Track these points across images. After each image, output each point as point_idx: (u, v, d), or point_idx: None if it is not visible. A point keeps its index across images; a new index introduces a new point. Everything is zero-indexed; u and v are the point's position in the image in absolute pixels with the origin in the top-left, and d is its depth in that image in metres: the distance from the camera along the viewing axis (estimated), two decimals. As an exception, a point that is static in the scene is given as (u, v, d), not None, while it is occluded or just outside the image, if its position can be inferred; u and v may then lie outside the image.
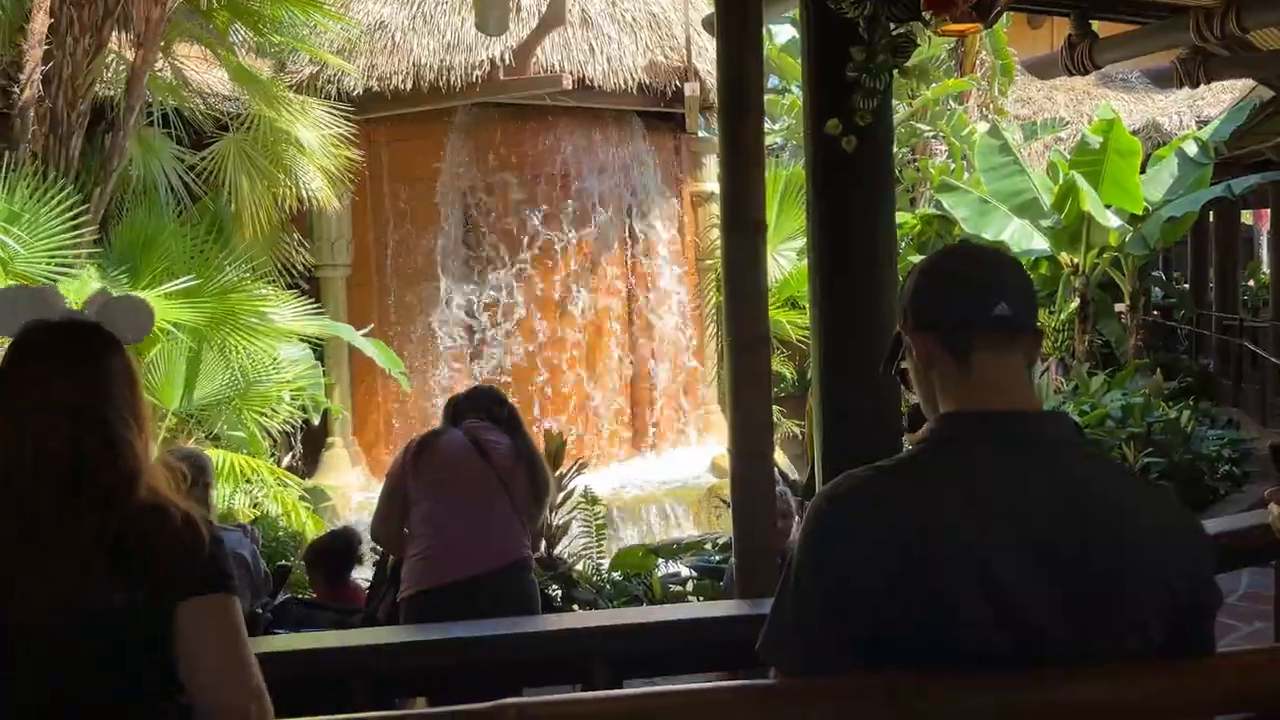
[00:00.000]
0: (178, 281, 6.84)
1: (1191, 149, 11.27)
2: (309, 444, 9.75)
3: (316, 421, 9.15)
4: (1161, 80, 15.88)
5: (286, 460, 9.23)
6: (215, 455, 6.38)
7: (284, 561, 4.65)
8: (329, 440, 9.79)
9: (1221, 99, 12.69)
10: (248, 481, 7.05)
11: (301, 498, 7.67)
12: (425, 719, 1.16)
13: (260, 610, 3.86)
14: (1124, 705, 1.25)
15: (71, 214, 6.54)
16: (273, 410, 7.66)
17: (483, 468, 3.82)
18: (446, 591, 3.65)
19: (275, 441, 8.40)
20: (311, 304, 8.45)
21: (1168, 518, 1.28)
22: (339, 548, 4.77)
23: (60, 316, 1.59)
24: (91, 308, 1.60)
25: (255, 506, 7.09)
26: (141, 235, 7.54)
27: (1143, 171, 11.08)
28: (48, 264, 6.44)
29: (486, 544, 3.77)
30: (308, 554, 4.74)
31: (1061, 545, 1.22)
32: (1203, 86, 6.09)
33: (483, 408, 3.99)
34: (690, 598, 5.99)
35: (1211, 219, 14.75)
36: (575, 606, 5.82)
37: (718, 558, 6.34)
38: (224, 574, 1.58)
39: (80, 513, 1.51)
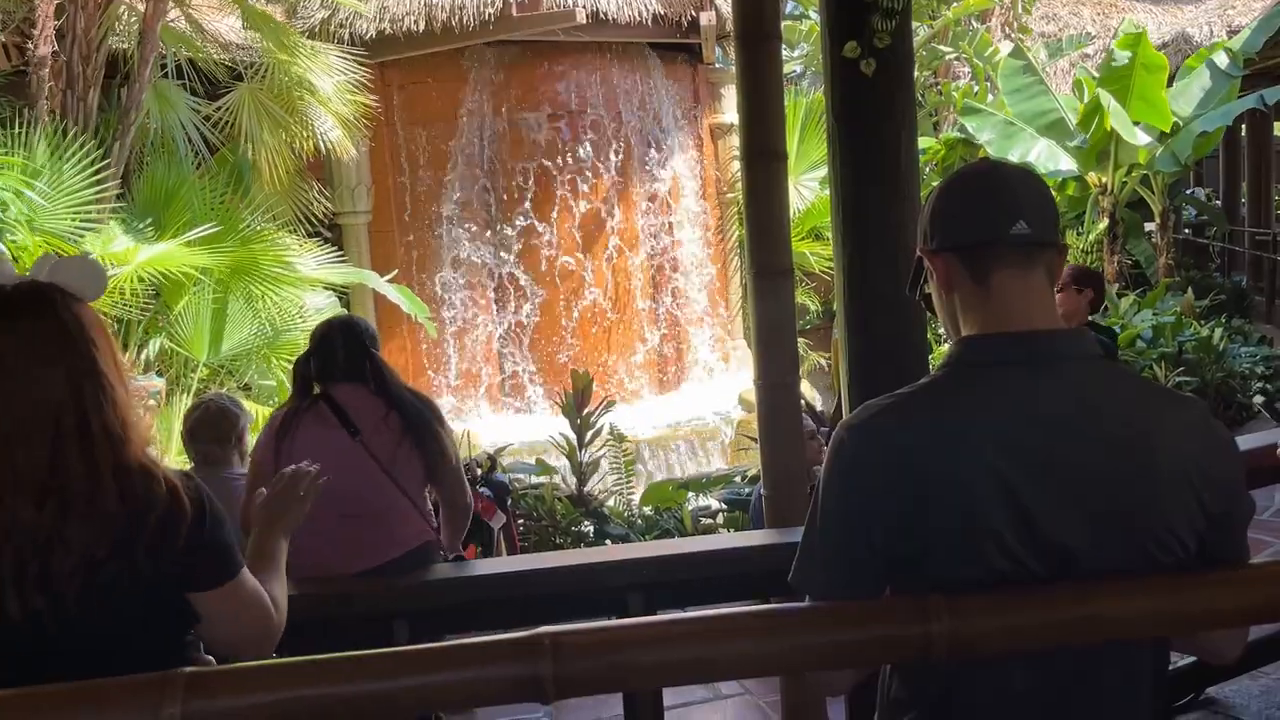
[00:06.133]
0: (200, 229, 6.87)
1: (1222, 60, 10.97)
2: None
3: (346, 368, 9.21)
4: (1191, -11, 15.43)
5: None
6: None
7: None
8: (359, 387, 9.87)
9: (1253, 7, 12.32)
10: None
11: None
12: (462, 649, 1.18)
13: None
14: (1158, 617, 1.26)
15: (93, 169, 6.56)
16: (301, 358, 7.72)
17: None
18: None
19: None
20: (334, 252, 8.46)
21: (1194, 429, 1.27)
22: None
23: (8, 281, 1.53)
24: (41, 270, 1.55)
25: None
26: (163, 188, 7.56)
27: (1171, 85, 10.81)
28: (72, 220, 6.47)
29: None
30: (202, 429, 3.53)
31: (1083, 462, 1.22)
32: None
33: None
34: (721, 530, 6.05)
35: (1244, 132, 14.42)
36: (607, 542, 5.91)
37: (747, 490, 6.38)
38: (222, 561, 1.54)
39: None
